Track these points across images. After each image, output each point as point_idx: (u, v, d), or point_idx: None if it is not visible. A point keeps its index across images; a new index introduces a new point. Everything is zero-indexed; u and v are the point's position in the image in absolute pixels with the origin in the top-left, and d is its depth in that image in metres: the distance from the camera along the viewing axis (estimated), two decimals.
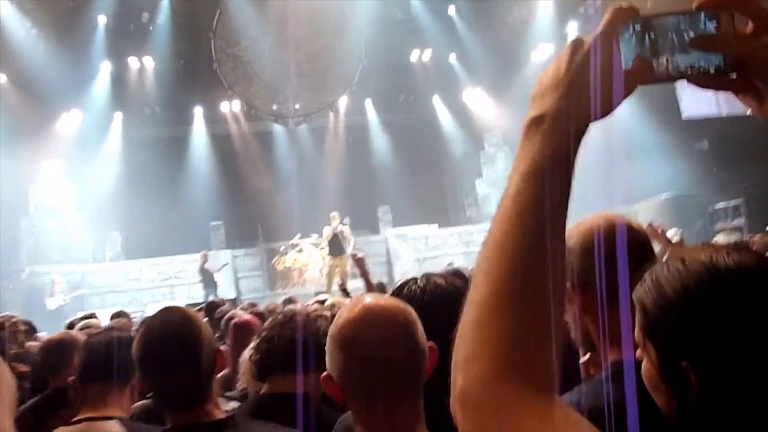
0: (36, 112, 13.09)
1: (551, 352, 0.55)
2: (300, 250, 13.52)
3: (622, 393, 1.13)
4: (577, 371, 1.56)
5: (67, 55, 12.99)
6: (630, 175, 10.70)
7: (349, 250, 11.84)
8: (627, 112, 13.11)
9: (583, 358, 1.58)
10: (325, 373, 1.21)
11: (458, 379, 0.56)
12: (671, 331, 0.84)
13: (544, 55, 15.00)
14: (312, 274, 13.48)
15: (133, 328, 3.43)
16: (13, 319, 3.57)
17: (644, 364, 0.92)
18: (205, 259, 12.67)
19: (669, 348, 0.84)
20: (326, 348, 1.21)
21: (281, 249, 13.96)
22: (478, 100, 16.85)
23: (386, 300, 1.28)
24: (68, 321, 4.41)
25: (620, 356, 1.15)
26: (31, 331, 4.01)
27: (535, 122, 0.61)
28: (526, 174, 0.58)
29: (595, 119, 0.60)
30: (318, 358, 1.81)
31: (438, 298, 1.52)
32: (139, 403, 2.29)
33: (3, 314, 3.75)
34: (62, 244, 13.47)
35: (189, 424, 1.51)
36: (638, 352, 0.94)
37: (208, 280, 12.40)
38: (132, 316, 5.67)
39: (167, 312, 1.64)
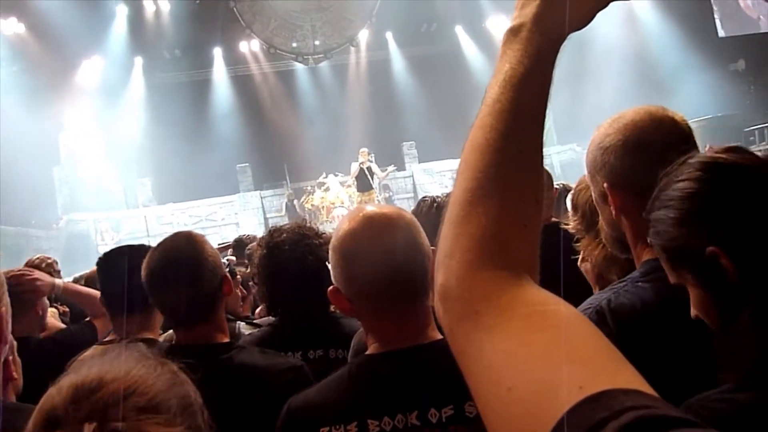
0: (57, 60, 13.09)
1: (526, 242, 0.56)
2: (327, 189, 13.56)
3: (655, 291, 1.10)
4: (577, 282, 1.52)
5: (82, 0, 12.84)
6: (662, 97, 10.31)
7: (375, 185, 11.80)
8: (658, 30, 12.54)
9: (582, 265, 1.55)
10: (331, 287, 1.20)
11: (438, 276, 0.56)
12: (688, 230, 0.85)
13: None
14: (340, 211, 13.55)
15: None
16: (49, 260, 3.65)
17: (692, 294, 0.91)
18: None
19: (692, 248, 0.85)
20: (330, 260, 1.20)
21: (308, 188, 14.02)
22: (503, 28, 16.21)
23: (385, 207, 1.26)
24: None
25: (654, 255, 1.10)
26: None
27: (514, 31, 0.61)
28: (504, 81, 0.58)
29: (573, 29, 0.60)
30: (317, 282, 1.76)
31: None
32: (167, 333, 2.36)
33: (38, 255, 3.83)
34: (95, 192, 13.76)
35: (189, 345, 1.56)
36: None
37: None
38: None
39: (174, 235, 1.68)
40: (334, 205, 13.70)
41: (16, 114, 11.47)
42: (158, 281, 1.58)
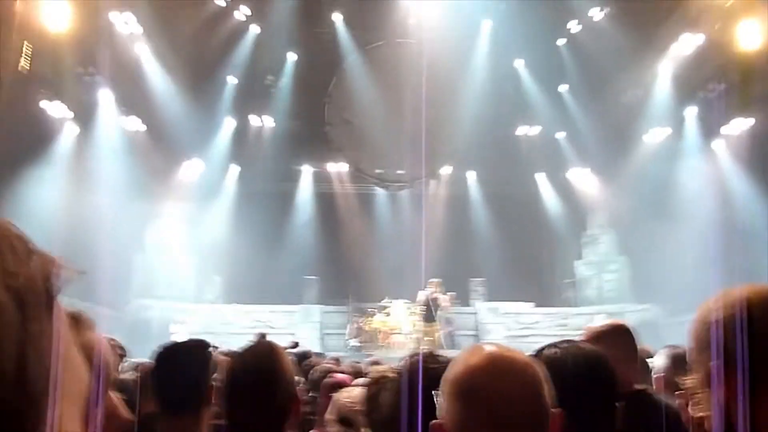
0: (163, 157, 14.27)
1: None
2: (388, 314, 13.45)
3: None
4: None
5: (197, 109, 14.20)
6: (745, 267, 9.83)
7: (437, 318, 11.62)
8: (749, 201, 12.27)
9: None
10: (436, 422, 1.12)
11: None
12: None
13: (657, 138, 14.48)
14: (398, 338, 13.33)
15: None
16: (112, 342, 3.73)
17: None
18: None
19: None
20: (441, 394, 1.12)
21: (369, 310, 13.97)
22: (583, 179, 16.43)
23: (512, 350, 1.17)
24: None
25: None
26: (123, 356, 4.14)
27: None
28: None
29: None
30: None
31: (583, 364, 1.40)
32: None
33: (107, 336, 3.92)
34: (168, 282, 14.29)
35: None
36: None
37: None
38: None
39: (257, 345, 1.71)
40: (393, 331, 13.52)
41: (115, 200, 12.41)
42: (236, 393, 1.58)
